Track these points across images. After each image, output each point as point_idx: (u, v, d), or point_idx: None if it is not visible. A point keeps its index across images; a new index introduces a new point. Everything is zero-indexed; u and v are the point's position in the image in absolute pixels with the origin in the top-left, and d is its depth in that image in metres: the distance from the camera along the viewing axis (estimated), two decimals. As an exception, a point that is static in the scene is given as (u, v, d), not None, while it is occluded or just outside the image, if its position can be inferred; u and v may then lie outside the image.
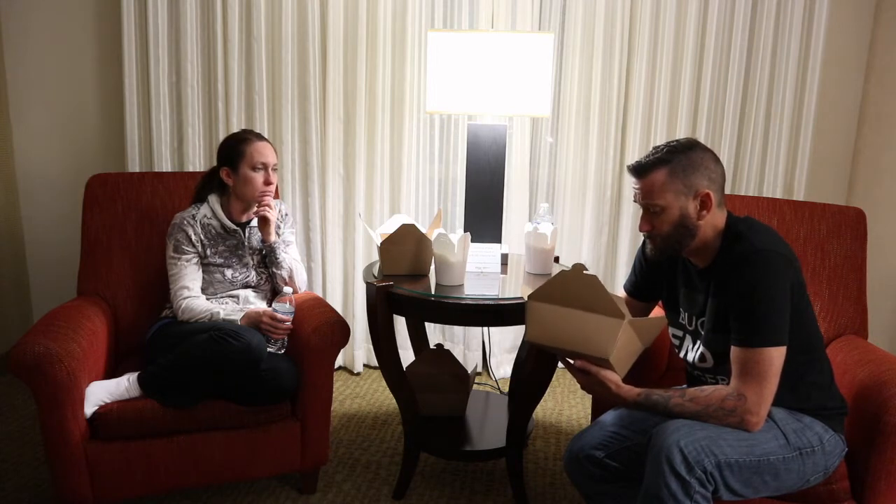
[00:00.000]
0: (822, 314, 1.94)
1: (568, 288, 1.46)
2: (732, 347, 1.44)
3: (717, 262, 1.51)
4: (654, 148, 1.52)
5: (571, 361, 1.51)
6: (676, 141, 1.51)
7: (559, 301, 1.47)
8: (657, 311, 1.78)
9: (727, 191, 2.78)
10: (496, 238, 2.32)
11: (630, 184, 1.96)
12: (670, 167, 1.46)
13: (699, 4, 2.69)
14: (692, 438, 1.35)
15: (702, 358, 1.55)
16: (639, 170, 1.50)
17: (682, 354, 1.65)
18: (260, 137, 2.09)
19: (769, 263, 1.41)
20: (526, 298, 1.52)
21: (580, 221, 2.91)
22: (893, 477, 1.50)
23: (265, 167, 2.06)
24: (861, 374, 1.63)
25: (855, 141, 2.89)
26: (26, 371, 1.66)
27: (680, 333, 1.65)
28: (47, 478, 2.11)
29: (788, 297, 1.42)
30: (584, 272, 1.44)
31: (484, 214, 2.31)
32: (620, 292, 1.80)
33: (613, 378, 1.47)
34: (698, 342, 1.57)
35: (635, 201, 1.55)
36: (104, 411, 1.78)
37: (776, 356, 1.40)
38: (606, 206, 2.89)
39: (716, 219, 1.50)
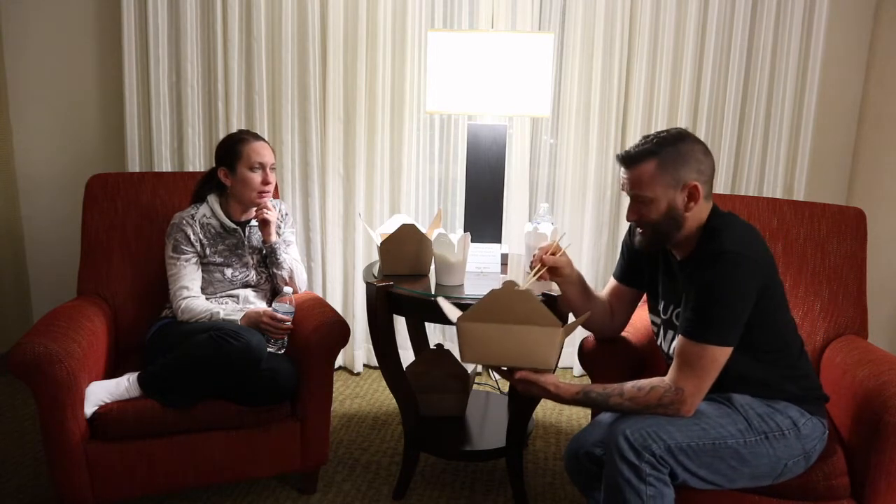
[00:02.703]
0: (822, 314, 1.94)
1: (500, 305, 1.46)
2: (679, 336, 1.47)
3: (694, 257, 1.52)
4: (644, 137, 1.51)
5: (504, 368, 1.54)
6: (666, 131, 1.51)
7: (493, 319, 1.47)
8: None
9: (728, 191, 2.81)
10: (496, 238, 2.32)
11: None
12: (660, 159, 1.46)
13: (699, 4, 2.69)
14: (638, 426, 1.40)
15: None
16: (628, 160, 1.50)
17: (658, 342, 1.68)
18: (257, 137, 2.09)
19: (735, 265, 1.42)
20: (455, 321, 1.51)
21: (580, 221, 2.90)
22: (893, 476, 1.50)
23: (262, 167, 2.06)
24: (861, 374, 1.63)
25: (855, 141, 2.89)
26: (26, 371, 1.66)
27: (658, 321, 1.67)
28: (47, 478, 2.11)
29: (750, 300, 1.43)
30: (516, 288, 1.45)
31: (484, 214, 2.31)
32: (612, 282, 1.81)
33: (551, 380, 1.50)
34: (672, 333, 1.59)
35: (623, 190, 1.55)
36: (104, 411, 1.78)
37: (720, 355, 1.42)
38: (606, 206, 2.89)
39: (701, 211, 1.51)
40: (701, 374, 1.42)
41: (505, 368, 1.54)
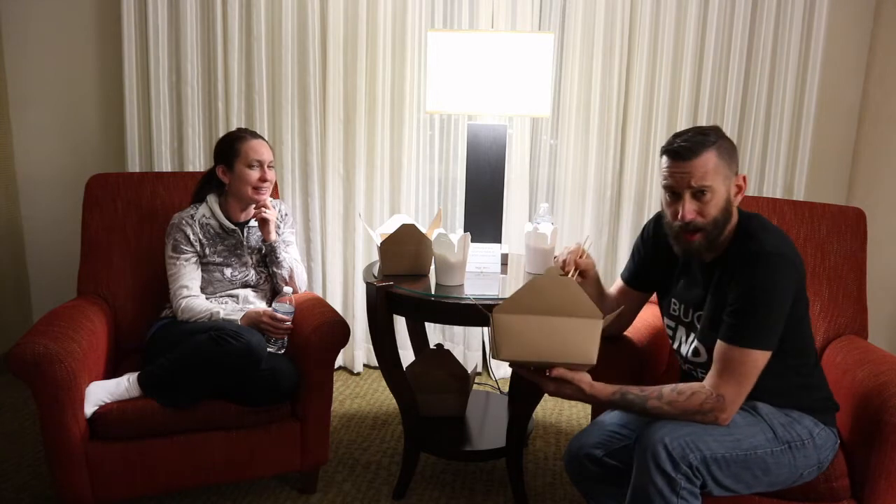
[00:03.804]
0: (822, 314, 1.94)
1: (541, 294, 1.35)
2: (719, 342, 1.43)
3: (726, 258, 1.49)
4: (685, 132, 1.45)
5: (532, 368, 1.46)
6: (702, 127, 1.47)
7: (531, 310, 1.36)
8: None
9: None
10: (496, 238, 2.32)
11: (659, 173, 1.73)
12: (717, 149, 1.43)
13: (699, 4, 2.69)
14: (676, 435, 1.36)
15: (696, 352, 1.55)
16: (686, 152, 1.42)
17: (674, 346, 1.65)
18: (255, 135, 2.10)
19: (779, 268, 1.39)
20: (490, 314, 1.38)
21: (580, 221, 2.90)
22: (893, 476, 1.50)
23: (261, 164, 2.06)
24: (861, 374, 1.63)
25: (855, 141, 2.89)
26: (26, 371, 1.66)
27: (672, 324, 1.64)
28: (47, 478, 2.11)
29: (789, 303, 1.41)
30: (560, 275, 1.38)
31: (484, 214, 2.31)
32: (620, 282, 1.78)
33: (586, 379, 1.43)
34: (692, 336, 1.57)
35: (669, 188, 1.46)
36: (104, 411, 1.78)
37: (761, 359, 1.40)
38: (606, 206, 2.89)
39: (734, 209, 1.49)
40: (741, 380, 1.39)
41: (533, 368, 1.46)
